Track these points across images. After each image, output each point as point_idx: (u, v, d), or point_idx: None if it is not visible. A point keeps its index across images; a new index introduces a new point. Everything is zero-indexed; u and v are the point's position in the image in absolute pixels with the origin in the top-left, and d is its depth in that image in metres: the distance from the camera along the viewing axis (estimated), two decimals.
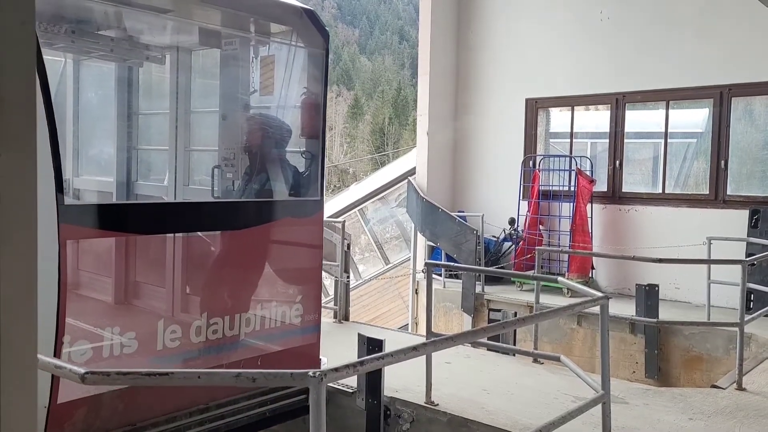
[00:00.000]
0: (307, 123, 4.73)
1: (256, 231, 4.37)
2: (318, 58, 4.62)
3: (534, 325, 5.79)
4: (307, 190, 4.70)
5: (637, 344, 7.72)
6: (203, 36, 4.77)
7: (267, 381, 2.11)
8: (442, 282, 9.42)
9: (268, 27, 4.74)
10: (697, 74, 8.38)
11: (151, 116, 5.82)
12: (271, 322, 4.42)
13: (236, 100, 4.91)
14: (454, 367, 5.78)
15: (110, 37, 4.77)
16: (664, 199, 8.87)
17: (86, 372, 2.05)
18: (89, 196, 5.62)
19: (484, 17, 10.47)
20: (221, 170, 4.82)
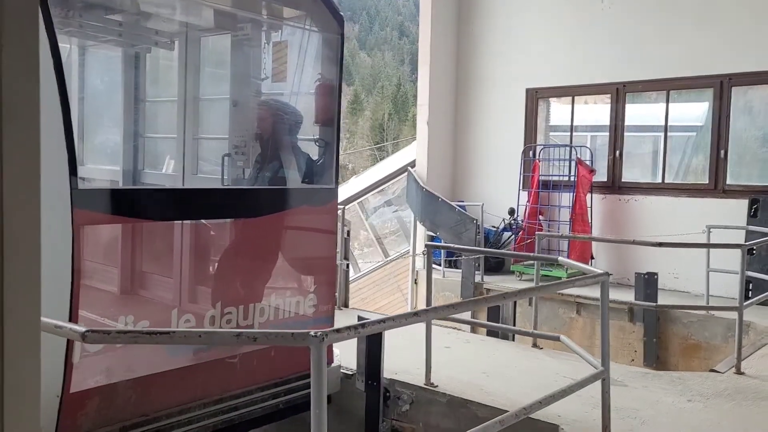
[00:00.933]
0: (321, 109, 4.63)
1: (271, 219, 4.30)
2: (333, 42, 4.54)
3: (534, 307, 5.79)
4: (321, 177, 4.61)
5: (636, 332, 7.73)
6: (214, 20, 4.68)
7: (268, 340, 2.10)
8: (441, 272, 9.42)
9: (281, 11, 4.65)
10: (697, 63, 8.37)
11: (158, 103, 5.74)
12: (285, 313, 4.34)
13: (247, 86, 4.80)
14: (453, 352, 5.79)
15: (118, 21, 4.69)
16: (664, 189, 8.87)
17: (86, 330, 2.05)
18: (91, 184, 5.55)
19: (485, 7, 10.46)
20: (231, 158, 4.74)
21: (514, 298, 4.80)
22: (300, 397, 4.35)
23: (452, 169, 10.81)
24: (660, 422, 4.27)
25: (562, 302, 8.14)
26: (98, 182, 5.41)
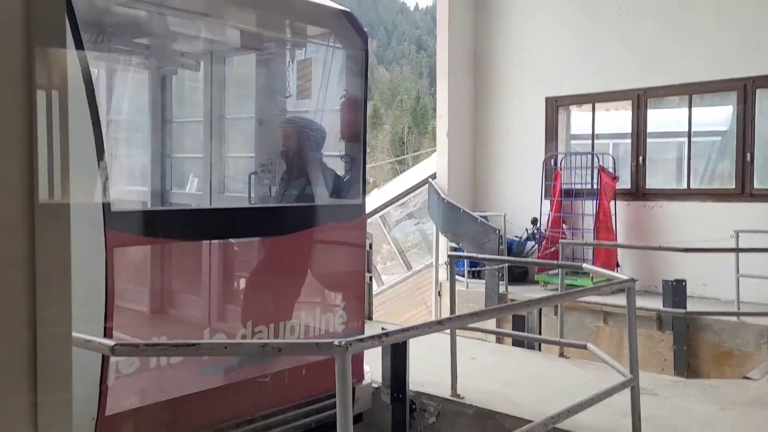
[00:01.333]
0: (346, 125, 4.65)
1: (299, 237, 4.29)
2: (357, 59, 4.55)
3: (559, 315, 5.72)
4: (348, 193, 4.60)
5: (665, 341, 7.60)
6: (239, 40, 4.72)
7: (293, 351, 2.11)
8: (465, 283, 9.37)
9: (306, 29, 4.68)
10: (719, 67, 8.28)
11: (185, 124, 5.79)
12: (315, 330, 4.30)
13: (273, 104, 4.82)
14: (479, 362, 5.74)
15: (145, 45, 4.74)
16: (690, 195, 8.75)
17: (115, 344, 2.07)
18: (123, 206, 5.55)
19: (501, 17, 10.47)
20: (258, 176, 4.75)
21: (538, 305, 4.75)
22: (332, 416, 4.29)
23: (473, 179, 10.78)
24: (692, 431, 4.18)
25: (589, 311, 8.04)
26: (128, 203, 5.38)
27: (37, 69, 0.95)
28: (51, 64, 0.98)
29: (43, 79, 0.97)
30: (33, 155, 0.97)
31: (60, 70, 1.00)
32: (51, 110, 0.98)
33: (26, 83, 0.95)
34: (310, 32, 4.68)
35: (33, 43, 0.94)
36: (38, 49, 0.95)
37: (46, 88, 0.97)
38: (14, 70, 0.94)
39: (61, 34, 1.02)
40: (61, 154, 1.02)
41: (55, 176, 1.00)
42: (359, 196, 4.56)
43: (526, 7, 10.18)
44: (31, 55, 0.95)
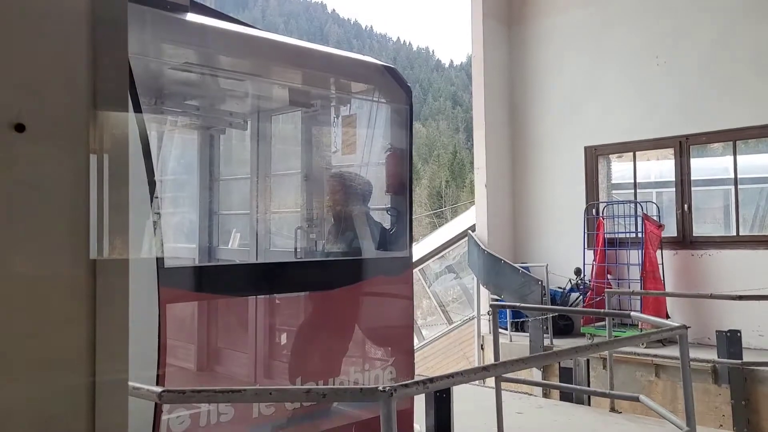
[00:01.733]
0: (392, 179, 4.67)
1: (347, 291, 4.28)
2: (402, 113, 4.63)
3: (609, 366, 5.53)
4: (396, 246, 4.60)
5: (723, 395, 7.24)
6: (286, 98, 4.82)
7: (337, 396, 2.09)
8: (508, 336, 9.18)
9: (351, 86, 4.76)
10: (762, 112, 8.15)
11: (232, 181, 5.89)
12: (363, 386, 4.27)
13: (318, 160, 4.90)
14: (526, 418, 5.56)
15: (195, 106, 4.89)
16: (740, 242, 8.49)
17: (163, 391, 2.09)
18: (171, 262, 5.59)
19: (537, 68, 10.58)
20: (304, 231, 4.80)
21: (587, 352, 4.63)
22: None
23: (513, 230, 10.70)
24: None
25: (639, 364, 7.75)
26: (178, 260, 5.45)
27: (96, 133, 1.01)
28: (110, 129, 1.04)
29: (101, 142, 1.02)
30: (89, 215, 1.02)
31: (118, 134, 1.06)
32: (103, 172, 1.03)
33: (86, 147, 1.00)
34: (355, 88, 4.77)
35: (96, 109, 1.01)
36: (99, 113, 1.01)
37: (101, 152, 1.02)
38: (77, 134, 0.99)
39: (123, 99, 1.08)
40: (117, 214, 1.06)
41: (110, 235, 1.05)
42: (406, 249, 4.54)
43: (561, 59, 10.28)
44: (92, 120, 1.01)
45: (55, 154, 0.97)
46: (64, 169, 0.99)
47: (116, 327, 1.07)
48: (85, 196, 1.01)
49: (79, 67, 0.99)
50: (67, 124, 0.99)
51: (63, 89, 0.97)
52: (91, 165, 1.02)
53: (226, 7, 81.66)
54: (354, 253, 4.44)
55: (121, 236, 1.07)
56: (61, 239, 0.99)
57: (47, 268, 0.99)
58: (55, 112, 0.96)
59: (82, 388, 1.01)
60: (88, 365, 1.02)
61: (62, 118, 0.98)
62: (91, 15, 0.99)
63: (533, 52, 10.66)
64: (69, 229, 0.99)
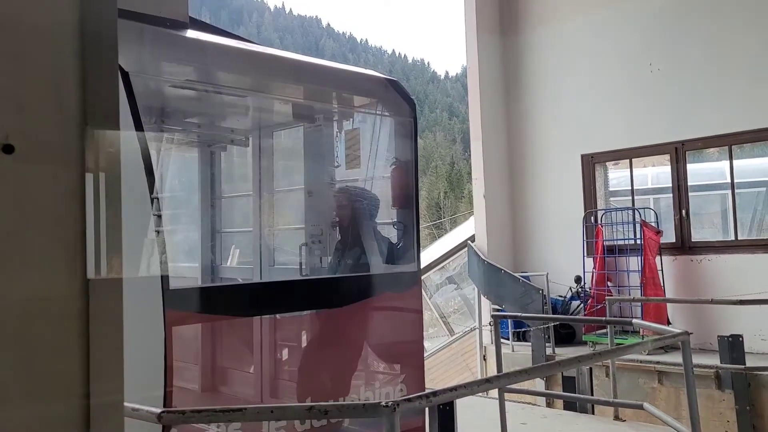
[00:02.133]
0: (398, 193, 4.61)
1: (357, 308, 4.18)
2: (406, 127, 4.56)
3: (612, 374, 5.50)
4: (403, 261, 4.50)
5: (727, 401, 7.21)
6: (289, 114, 4.77)
7: (340, 413, 2.06)
8: (510, 346, 9.15)
9: (354, 100, 4.70)
10: (757, 116, 8.17)
11: (234, 199, 5.78)
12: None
13: (322, 175, 4.80)
14: (530, 428, 5.53)
15: (196, 123, 4.82)
16: (739, 246, 8.49)
17: (162, 411, 2.07)
18: (175, 283, 5.34)
19: (532, 77, 10.62)
20: (309, 248, 4.68)
21: (590, 360, 4.60)
22: None
23: (513, 240, 10.69)
24: None
25: (642, 372, 7.72)
26: (180, 280, 5.31)
27: (87, 152, 1.01)
28: (102, 147, 1.03)
29: (93, 161, 1.02)
30: (84, 235, 1.01)
31: (110, 152, 1.05)
32: (99, 192, 1.03)
33: (79, 166, 0.99)
34: (359, 102, 4.72)
35: (87, 126, 1.00)
36: (90, 131, 1.00)
37: (94, 170, 1.02)
38: (68, 153, 0.99)
39: (114, 117, 1.08)
40: (111, 233, 1.06)
41: (106, 255, 1.04)
42: (414, 263, 4.45)
43: (557, 67, 10.32)
44: (84, 138, 1.00)
45: (46, 174, 0.96)
46: (56, 189, 0.99)
47: (110, 347, 1.06)
48: (79, 216, 1.00)
49: (68, 85, 0.99)
50: (58, 144, 0.99)
51: (52, 108, 0.97)
52: (85, 184, 1.01)
53: (222, 22, 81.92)
54: (362, 269, 4.35)
55: (115, 256, 1.06)
56: (54, 260, 0.99)
57: (40, 290, 0.98)
58: (44, 131, 0.95)
59: (76, 411, 1.00)
60: (82, 387, 1.01)
61: (52, 137, 0.97)
62: (80, 31, 0.98)
63: (527, 61, 10.71)
64: (62, 250, 0.99)
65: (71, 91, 0.99)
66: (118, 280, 1.07)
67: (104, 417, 1.03)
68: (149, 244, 3.19)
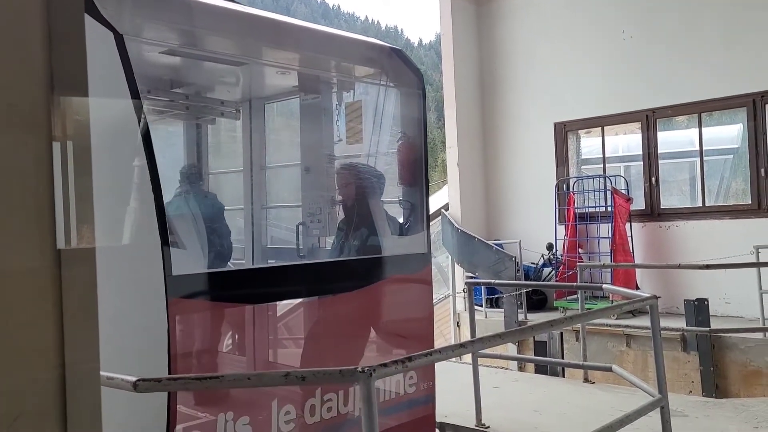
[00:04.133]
0: (406, 170, 4.30)
1: (367, 292, 3.89)
2: (413, 98, 4.26)
3: (582, 338, 5.63)
4: (413, 242, 4.20)
5: (691, 362, 7.44)
6: (285, 84, 4.45)
7: (317, 379, 2.08)
8: (483, 312, 9.28)
9: (355, 70, 4.34)
10: (727, 84, 8.29)
11: (222, 175, 5.41)
12: (385, 394, 3.88)
13: (321, 150, 4.44)
14: (503, 391, 5.65)
15: (184, 95, 4.47)
16: (706, 213, 8.67)
17: (138, 380, 2.07)
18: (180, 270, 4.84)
19: (505, 46, 10.60)
20: (307, 227, 4.37)
21: (562, 325, 4.68)
22: None
23: (486, 208, 10.77)
24: None
25: (611, 336, 7.91)
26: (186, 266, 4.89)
27: (57, 119, 0.98)
28: (70, 114, 1.01)
29: (61, 129, 0.99)
30: (52, 204, 1.00)
31: (79, 120, 1.03)
32: (67, 160, 1.01)
33: (46, 134, 0.97)
34: (362, 72, 4.39)
35: (54, 93, 0.97)
36: (58, 98, 0.98)
37: (64, 139, 1.00)
38: (35, 120, 0.96)
39: (83, 83, 1.05)
40: (81, 202, 1.04)
41: (76, 224, 1.03)
42: (424, 245, 4.18)
43: (530, 35, 10.30)
44: (51, 105, 0.97)
45: (12, 142, 0.94)
46: (23, 157, 0.97)
47: (84, 317, 1.05)
48: (47, 185, 0.98)
49: (34, 49, 0.96)
50: (24, 111, 0.96)
51: (17, 73, 0.94)
52: (53, 152, 0.99)
53: None
54: (371, 251, 4.06)
55: (86, 225, 1.05)
56: (24, 230, 0.97)
57: (10, 261, 0.96)
58: (10, 98, 0.93)
59: (52, 380, 1.00)
60: (57, 357, 1.00)
61: (18, 104, 0.94)
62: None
63: (501, 29, 10.67)
64: (31, 220, 0.97)
65: (38, 56, 0.96)
66: (91, 249, 1.06)
67: (80, 385, 1.03)
68: (147, 223, 2.89)
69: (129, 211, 3.06)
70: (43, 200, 0.98)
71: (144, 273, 2.97)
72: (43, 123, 0.97)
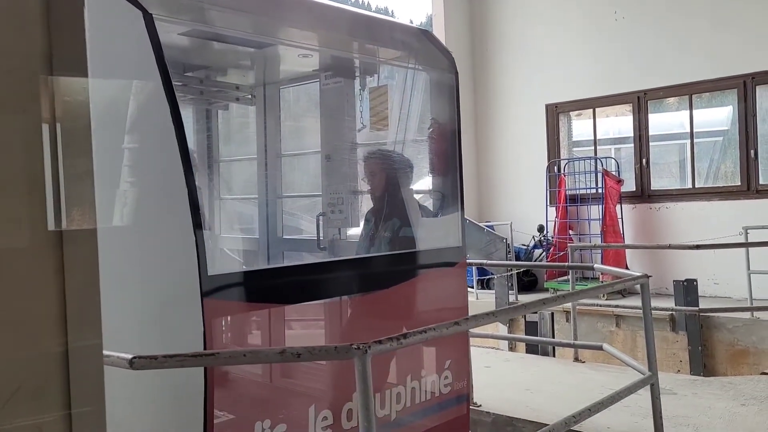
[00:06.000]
0: (438, 159, 4.10)
1: (402, 288, 3.65)
2: (445, 82, 4.04)
3: (572, 318, 5.68)
4: (448, 235, 3.97)
5: (680, 342, 7.54)
6: (309, 68, 4.19)
7: (312, 356, 2.10)
8: (474, 293, 9.34)
9: (387, 53, 4.09)
10: (718, 65, 8.31)
11: (231, 163, 5.11)
12: (421, 396, 3.70)
13: (343, 137, 4.12)
14: (494, 371, 5.71)
15: (198, 79, 4.24)
16: (695, 194, 8.74)
17: (134, 357, 2.07)
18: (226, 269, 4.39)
19: (497, 27, 10.55)
20: (327, 218, 4.10)
21: (553, 303, 4.69)
22: None
23: (477, 190, 10.79)
24: (714, 427, 4.14)
25: (601, 316, 7.99)
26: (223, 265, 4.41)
27: (57, 100, 0.98)
28: (67, 94, 1.00)
29: (58, 109, 0.99)
30: (58, 186, 1.00)
31: (76, 100, 1.03)
32: (66, 140, 1.01)
33: (41, 113, 0.97)
34: (391, 55, 4.12)
35: (52, 74, 0.97)
36: (55, 79, 0.97)
37: (61, 119, 0.99)
38: (32, 99, 0.96)
39: (82, 63, 1.03)
40: (79, 183, 1.05)
41: (74, 205, 1.03)
42: (459, 239, 3.96)
43: (522, 17, 10.26)
44: (48, 85, 0.97)
45: (7, 121, 0.93)
46: (18, 137, 0.96)
47: (86, 295, 1.06)
48: (44, 166, 0.98)
49: (31, 29, 0.95)
50: (20, 90, 0.95)
51: (13, 52, 0.93)
52: (49, 133, 0.98)
53: None
54: (405, 245, 3.82)
55: (86, 206, 1.05)
56: (20, 210, 0.97)
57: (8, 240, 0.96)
58: (5, 76, 0.92)
59: (54, 355, 1.00)
60: (60, 333, 1.01)
61: (14, 82, 0.94)
62: None
63: (493, 10, 10.62)
64: (28, 200, 0.97)
65: (36, 33, 0.95)
66: (92, 230, 1.06)
67: (83, 360, 1.03)
68: (179, 216, 2.63)
69: (158, 204, 2.85)
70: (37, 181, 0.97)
71: (177, 271, 2.72)
72: (39, 103, 0.96)
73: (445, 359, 3.86)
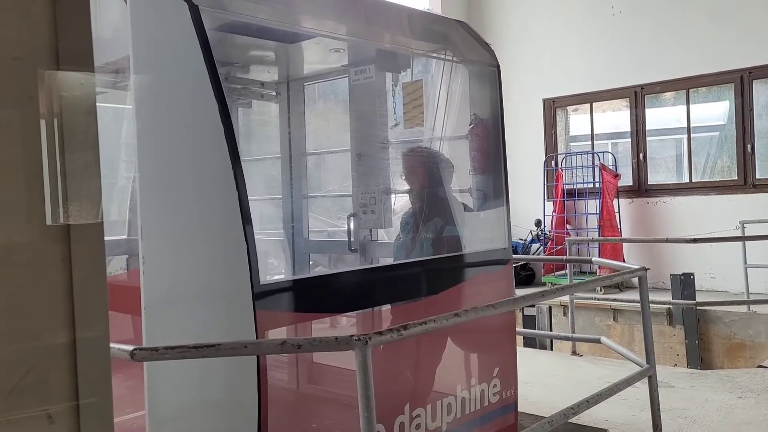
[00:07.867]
0: (480, 156, 3.92)
1: (451, 294, 3.51)
2: (486, 76, 3.90)
3: (570, 312, 5.71)
4: (493, 237, 3.84)
5: (677, 335, 7.58)
6: (342, 62, 4.02)
7: (313, 347, 2.11)
8: None
9: (420, 46, 3.94)
10: (715, 60, 8.32)
11: (249, 163, 4.62)
12: (471, 405, 3.59)
13: (376, 134, 3.92)
14: None
15: (224, 77, 3.87)
16: (692, 188, 8.76)
17: (135, 349, 2.08)
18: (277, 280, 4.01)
19: (494, 21, 10.55)
20: (358, 219, 3.92)
21: (552, 296, 4.68)
22: None
23: None
24: (711, 420, 4.17)
25: (598, 310, 8.03)
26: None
27: (62, 94, 0.98)
28: (71, 89, 1.01)
29: (62, 103, 0.99)
30: (64, 180, 1.01)
31: (81, 95, 1.03)
32: (54, 136, 1.01)
33: (40, 108, 0.97)
34: (430, 48, 3.97)
35: (58, 68, 0.97)
36: (61, 73, 0.97)
37: (64, 114, 1.00)
38: (34, 94, 0.96)
39: (88, 56, 1.03)
40: (84, 178, 1.05)
41: (80, 200, 1.04)
42: (505, 240, 3.82)
43: (519, 12, 10.26)
44: (52, 79, 0.97)
45: (8, 116, 0.94)
46: (20, 132, 0.96)
47: (93, 287, 1.07)
48: (47, 159, 0.99)
49: (37, 21, 0.95)
50: (24, 83, 0.95)
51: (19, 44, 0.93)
52: (50, 127, 0.99)
53: None
54: (452, 248, 3.67)
55: (92, 200, 1.06)
56: (21, 206, 0.98)
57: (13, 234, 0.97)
58: (8, 71, 0.92)
59: (62, 345, 1.02)
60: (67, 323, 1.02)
61: (17, 76, 0.94)
62: None
63: (490, 4, 10.61)
64: (30, 193, 0.97)
65: (42, 26, 0.95)
66: (99, 224, 1.07)
67: (90, 350, 1.05)
68: (230, 223, 2.48)
69: (207, 210, 2.67)
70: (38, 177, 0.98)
71: (227, 282, 2.59)
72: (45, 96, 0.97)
73: (494, 367, 3.76)
